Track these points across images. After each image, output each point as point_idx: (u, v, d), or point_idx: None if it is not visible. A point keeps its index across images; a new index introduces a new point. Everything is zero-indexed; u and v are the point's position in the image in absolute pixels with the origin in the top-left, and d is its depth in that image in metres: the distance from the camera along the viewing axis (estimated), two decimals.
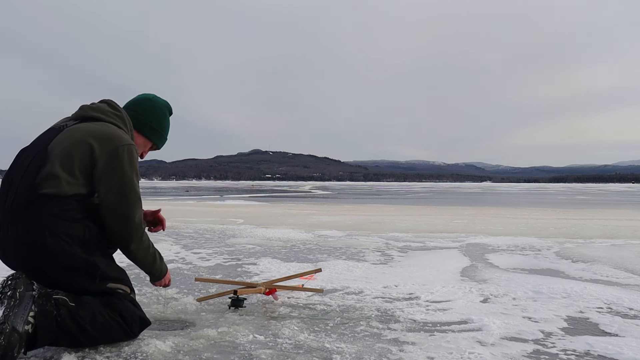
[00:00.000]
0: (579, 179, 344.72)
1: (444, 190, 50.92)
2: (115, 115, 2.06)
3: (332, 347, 1.98)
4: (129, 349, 1.88)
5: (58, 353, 1.82)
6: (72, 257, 1.82)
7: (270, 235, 6.12)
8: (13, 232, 1.79)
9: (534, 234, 6.69)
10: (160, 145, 2.30)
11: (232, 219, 9.03)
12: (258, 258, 4.39)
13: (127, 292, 2.00)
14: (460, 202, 22.90)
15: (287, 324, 2.29)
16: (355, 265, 4.04)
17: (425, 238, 6.13)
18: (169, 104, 2.30)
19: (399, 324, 2.35)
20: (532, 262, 4.36)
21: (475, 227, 7.79)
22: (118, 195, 1.91)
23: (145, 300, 2.74)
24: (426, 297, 2.93)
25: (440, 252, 4.95)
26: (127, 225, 1.94)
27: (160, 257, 2.15)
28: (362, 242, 5.60)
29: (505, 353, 1.94)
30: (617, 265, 4.15)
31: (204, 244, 5.30)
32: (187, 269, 3.81)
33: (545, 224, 8.74)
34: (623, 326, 2.34)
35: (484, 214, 11.64)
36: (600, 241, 5.90)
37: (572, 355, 1.94)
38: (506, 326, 2.31)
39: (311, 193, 36.93)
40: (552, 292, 3.04)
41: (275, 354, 1.89)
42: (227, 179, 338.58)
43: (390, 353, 1.92)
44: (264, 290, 2.75)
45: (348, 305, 2.71)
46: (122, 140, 1.94)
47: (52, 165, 1.83)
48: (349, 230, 7.11)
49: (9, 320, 1.59)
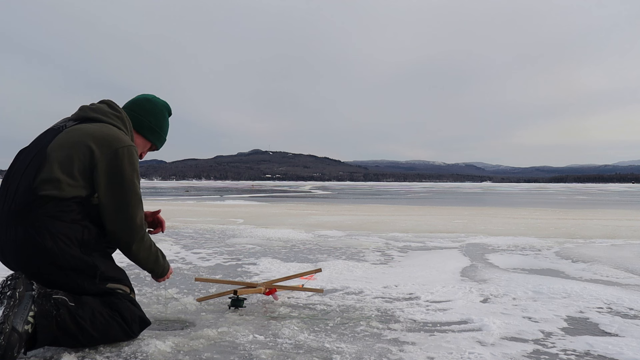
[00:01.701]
0: (579, 179, 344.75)
1: (444, 190, 50.93)
2: (115, 116, 2.06)
3: (332, 347, 1.98)
4: (129, 349, 1.88)
5: (58, 353, 1.81)
6: (71, 258, 1.81)
7: (270, 235, 6.12)
8: (12, 234, 1.78)
9: (534, 234, 6.69)
10: (160, 145, 2.29)
11: (232, 219, 9.03)
12: (258, 258, 4.39)
13: (126, 292, 2.00)
14: (460, 202, 22.90)
15: (287, 324, 2.29)
16: (355, 265, 4.04)
17: (425, 238, 6.13)
18: (168, 104, 2.30)
19: (399, 324, 2.35)
20: (532, 262, 4.36)
21: (475, 227, 7.79)
22: (119, 197, 1.90)
23: (145, 300, 2.74)
24: (426, 297, 2.92)
25: (440, 252, 4.95)
26: (128, 227, 1.94)
27: (163, 256, 2.15)
28: (362, 242, 5.60)
29: (505, 353, 1.94)
30: (617, 265, 4.15)
31: (204, 244, 5.30)
32: (187, 269, 3.81)
33: (545, 224, 8.74)
34: (623, 326, 2.34)
35: (484, 214, 11.64)
36: (600, 241, 5.90)
37: (572, 355, 1.94)
38: (506, 326, 2.31)
39: (311, 193, 36.94)
40: (552, 292, 3.04)
41: (275, 354, 1.88)
42: (227, 179, 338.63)
43: (390, 353, 1.92)
44: (264, 290, 2.75)
45: (348, 305, 2.71)
46: (122, 141, 1.93)
47: (51, 167, 1.82)
48: (349, 230, 7.11)
49: (9, 320, 1.59)
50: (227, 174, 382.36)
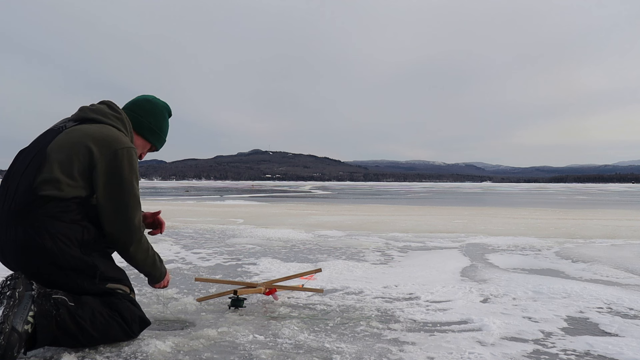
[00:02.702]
0: (579, 179, 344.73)
1: (444, 190, 50.92)
2: (115, 117, 2.06)
3: (332, 347, 1.98)
4: (129, 349, 1.88)
5: (58, 353, 1.81)
6: (71, 258, 1.81)
7: (270, 235, 6.12)
8: (12, 234, 1.78)
9: (534, 234, 6.69)
10: (159, 146, 2.29)
11: (232, 219, 9.03)
12: (258, 258, 4.39)
13: (126, 292, 2.00)
14: (460, 202, 22.90)
15: (287, 324, 2.29)
16: (355, 265, 4.04)
17: (425, 238, 6.13)
18: (168, 105, 2.30)
19: (399, 324, 2.35)
20: (532, 262, 4.36)
21: (475, 227, 7.79)
22: (117, 198, 1.90)
23: (145, 300, 2.74)
24: (426, 297, 2.92)
25: (440, 252, 4.95)
26: (126, 228, 1.93)
27: (160, 260, 2.14)
28: (362, 242, 5.60)
29: (505, 353, 1.94)
30: (617, 265, 4.14)
31: (204, 244, 5.30)
32: (187, 269, 3.81)
33: (545, 224, 8.74)
34: (623, 326, 2.34)
35: (484, 214, 11.64)
36: (600, 241, 5.90)
37: (572, 355, 1.94)
38: (506, 326, 2.31)
39: (311, 193, 36.93)
40: (552, 292, 3.04)
41: (275, 354, 1.88)
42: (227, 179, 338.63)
43: (390, 353, 1.92)
44: (264, 290, 2.75)
45: (348, 305, 2.71)
46: (122, 143, 1.93)
47: (51, 168, 1.82)
48: (349, 230, 7.11)
49: (9, 320, 1.59)
50: (227, 174, 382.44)
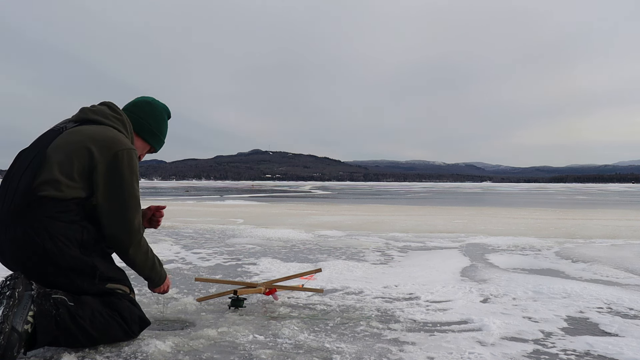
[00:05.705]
0: (579, 179, 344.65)
1: (444, 190, 50.92)
2: (115, 118, 2.06)
3: (332, 347, 1.98)
4: (129, 349, 1.88)
5: (58, 353, 1.81)
6: (70, 259, 1.81)
7: (270, 235, 6.12)
8: (11, 234, 1.78)
9: (534, 234, 6.69)
10: (158, 148, 2.30)
11: (232, 219, 9.03)
12: (258, 258, 4.39)
13: (126, 292, 2.00)
14: (460, 202, 22.90)
15: (287, 324, 2.29)
16: (355, 265, 4.04)
17: (425, 238, 6.13)
18: (167, 107, 2.30)
19: (399, 324, 2.35)
20: (532, 262, 4.36)
21: (475, 227, 7.79)
22: (117, 200, 1.90)
23: (145, 300, 2.74)
24: (426, 297, 2.92)
25: (440, 252, 4.95)
26: (125, 230, 1.93)
27: (160, 263, 2.14)
28: (362, 242, 5.60)
29: (505, 353, 1.94)
30: (617, 265, 4.14)
31: (204, 244, 5.30)
32: (187, 269, 3.81)
33: (545, 224, 8.74)
34: (623, 326, 2.34)
35: (484, 214, 11.64)
36: (600, 241, 5.90)
37: (572, 355, 1.94)
38: (506, 326, 2.31)
39: (311, 193, 36.93)
40: (552, 292, 3.04)
41: (275, 354, 1.88)
42: (227, 179, 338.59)
43: (390, 353, 1.92)
44: (264, 290, 2.75)
45: (348, 305, 2.71)
46: (122, 144, 1.93)
47: (51, 168, 1.82)
48: (349, 230, 7.11)
49: (8, 320, 1.59)
50: (227, 174, 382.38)
